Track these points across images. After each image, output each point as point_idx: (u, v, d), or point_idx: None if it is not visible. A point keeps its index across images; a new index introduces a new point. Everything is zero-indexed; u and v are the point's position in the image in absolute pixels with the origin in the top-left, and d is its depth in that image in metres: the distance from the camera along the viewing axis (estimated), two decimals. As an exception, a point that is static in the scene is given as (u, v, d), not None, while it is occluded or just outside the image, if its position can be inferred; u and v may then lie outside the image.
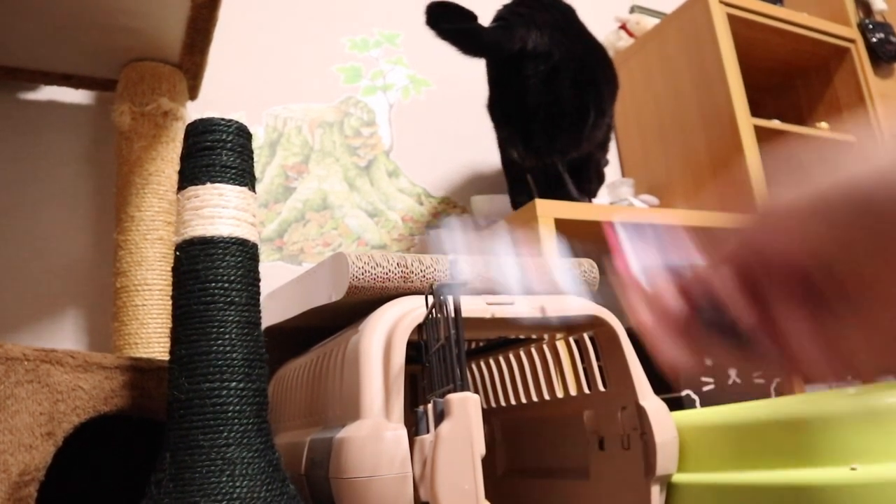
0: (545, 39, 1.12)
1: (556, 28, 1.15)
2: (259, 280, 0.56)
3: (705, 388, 1.11)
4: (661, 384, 1.13)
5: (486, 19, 1.22)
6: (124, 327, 0.95)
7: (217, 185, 0.55)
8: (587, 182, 1.29)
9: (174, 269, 0.54)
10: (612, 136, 1.36)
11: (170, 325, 0.53)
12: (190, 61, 1.06)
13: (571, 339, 0.74)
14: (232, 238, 0.54)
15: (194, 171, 0.55)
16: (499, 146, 1.26)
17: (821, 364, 0.32)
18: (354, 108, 1.43)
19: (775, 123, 1.56)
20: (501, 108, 1.20)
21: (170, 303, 0.53)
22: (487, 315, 0.62)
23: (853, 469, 0.51)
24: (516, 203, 1.24)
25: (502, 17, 1.16)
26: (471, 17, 1.09)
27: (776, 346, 0.34)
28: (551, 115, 1.13)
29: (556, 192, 1.17)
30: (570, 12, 1.22)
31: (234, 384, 0.51)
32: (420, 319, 0.57)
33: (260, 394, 0.53)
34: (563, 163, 1.18)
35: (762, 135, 1.54)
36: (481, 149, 1.53)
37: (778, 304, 0.33)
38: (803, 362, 0.33)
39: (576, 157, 1.22)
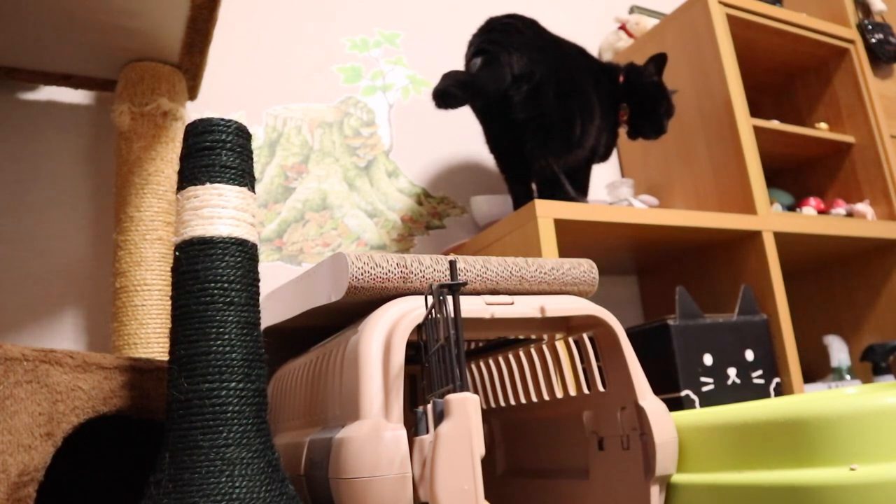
0: (524, 61, 1.14)
1: (532, 48, 1.16)
2: (258, 280, 0.56)
3: (705, 389, 1.11)
4: (661, 384, 1.13)
5: (475, 22, 1.22)
6: (123, 327, 0.95)
7: (216, 185, 0.55)
8: (582, 185, 1.29)
9: (173, 270, 0.54)
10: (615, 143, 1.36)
11: (169, 326, 0.53)
12: (189, 61, 1.06)
13: (571, 340, 0.74)
14: (231, 238, 0.54)
15: (194, 171, 0.55)
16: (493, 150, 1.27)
17: None
18: (354, 108, 1.43)
19: (774, 124, 1.56)
20: (495, 131, 1.22)
21: (169, 303, 0.53)
22: (487, 315, 0.62)
23: (853, 469, 0.51)
24: (516, 203, 1.24)
25: (482, 49, 1.15)
26: (463, 78, 1.10)
27: None
28: (541, 125, 1.15)
29: (555, 192, 1.18)
30: (537, 27, 1.23)
31: (233, 384, 0.51)
32: (419, 320, 0.57)
33: (259, 394, 0.53)
34: (559, 164, 1.18)
35: (761, 135, 1.54)
36: (481, 149, 1.53)
37: None
38: None
39: (572, 163, 1.23)
